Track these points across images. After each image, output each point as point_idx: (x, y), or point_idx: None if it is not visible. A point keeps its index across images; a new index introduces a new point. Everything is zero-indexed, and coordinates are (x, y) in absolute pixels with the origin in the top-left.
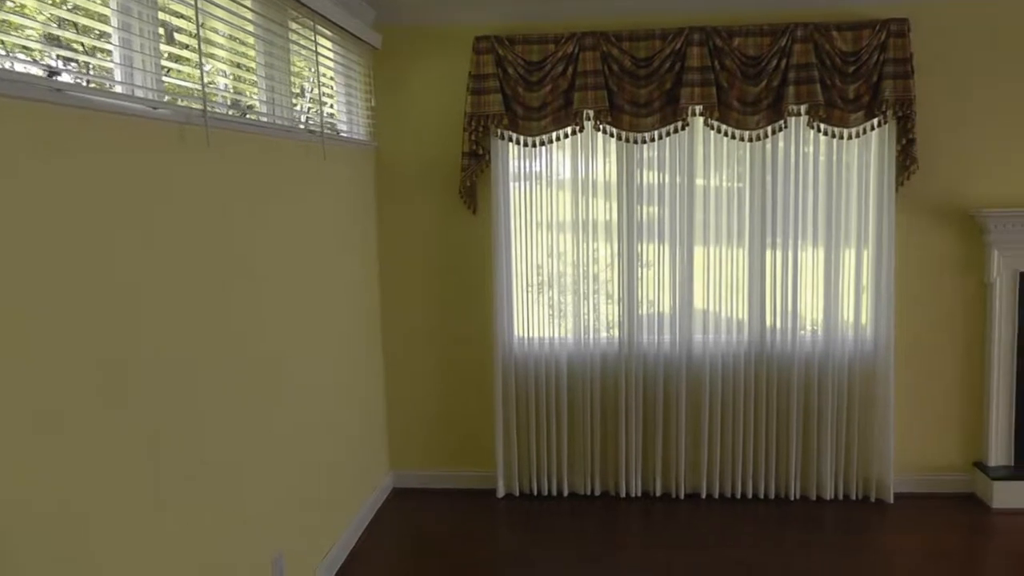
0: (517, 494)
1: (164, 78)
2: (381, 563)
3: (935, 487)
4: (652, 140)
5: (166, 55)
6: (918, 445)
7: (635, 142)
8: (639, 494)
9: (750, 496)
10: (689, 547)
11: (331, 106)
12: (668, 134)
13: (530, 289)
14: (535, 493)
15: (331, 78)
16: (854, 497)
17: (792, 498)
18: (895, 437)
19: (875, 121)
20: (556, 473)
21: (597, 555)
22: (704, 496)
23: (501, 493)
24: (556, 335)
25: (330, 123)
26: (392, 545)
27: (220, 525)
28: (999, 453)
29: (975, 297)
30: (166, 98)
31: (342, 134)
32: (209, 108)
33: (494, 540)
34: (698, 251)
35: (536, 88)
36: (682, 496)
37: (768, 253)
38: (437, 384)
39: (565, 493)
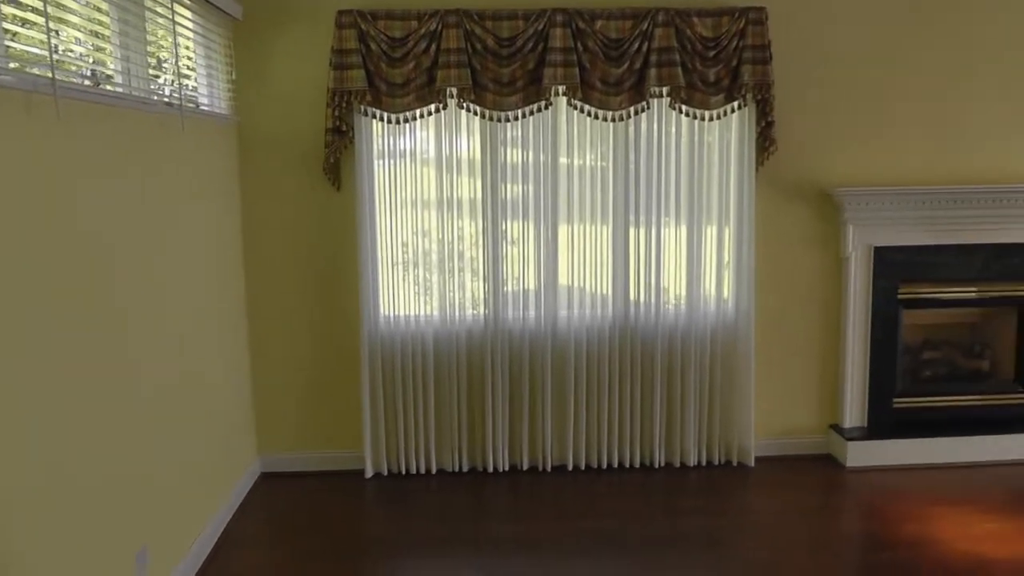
0: (386, 473)
1: (8, 43)
2: (248, 551)
3: (794, 449)
4: (516, 119)
5: (10, 18)
6: (778, 410)
7: (499, 120)
8: (506, 468)
9: (616, 466)
10: (557, 519)
11: (192, 79)
12: (532, 113)
13: (396, 267)
14: (403, 472)
15: (190, 48)
16: (717, 462)
17: (657, 466)
18: (756, 404)
19: (735, 104)
20: (424, 451)
21: (466, 531)
22: (571, 468)
23: (369, 473)
24: (422, 313)
25: (190, 96)
26: (259, 532)
27: (78, 524)
28: (853, 416)
29: (832, 270)
30: (11, 64)
31: (202, 107)
32: (62, 77)
33: (362, 521)
34: (563, 228)
35: (399, 65)
36: (549, 469)
37: (632, 230)
38: (305, 365)
39: (433, 470)
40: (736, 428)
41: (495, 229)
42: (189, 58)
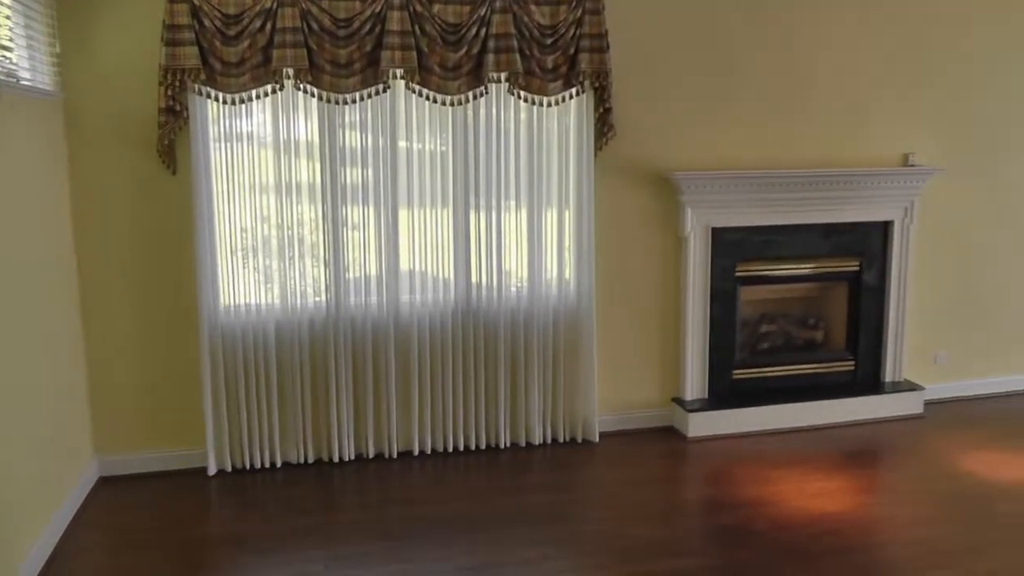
0: (230, 470)
1: None
2: (86, 561)
3: (638, 423)
4: (354, 102)
5: None
6: (621, 386)
7: (337, 103)
8: (352, 457)
9: (462, 449)
10: (406, 504)
11: (11, 51)
12: (370, 96)
13: (235, 255)
14: (247, 467)
15: (9, 19)
16: (562, 440)
17: (503, 446)
18: (599, 381)
19: (573, 91)
20: (268, 444)
21: (314, 524)
22: (417, 453)
23: (213, 470)
24: (263, 302)
25: (8, 69)
26: (99, 540)
27: None
28: (694, 388)
29: (671, 250)
30: None
31: (23, 82)
32: None
33: (206, 520)
34: (403, 213)
35: (234, 43)
36: (395, 455)
37: (473, 214)
38: (143, 361)
39: (278, 464)
40: (580, 406)
41: (336, 214)
42: (10, 28)
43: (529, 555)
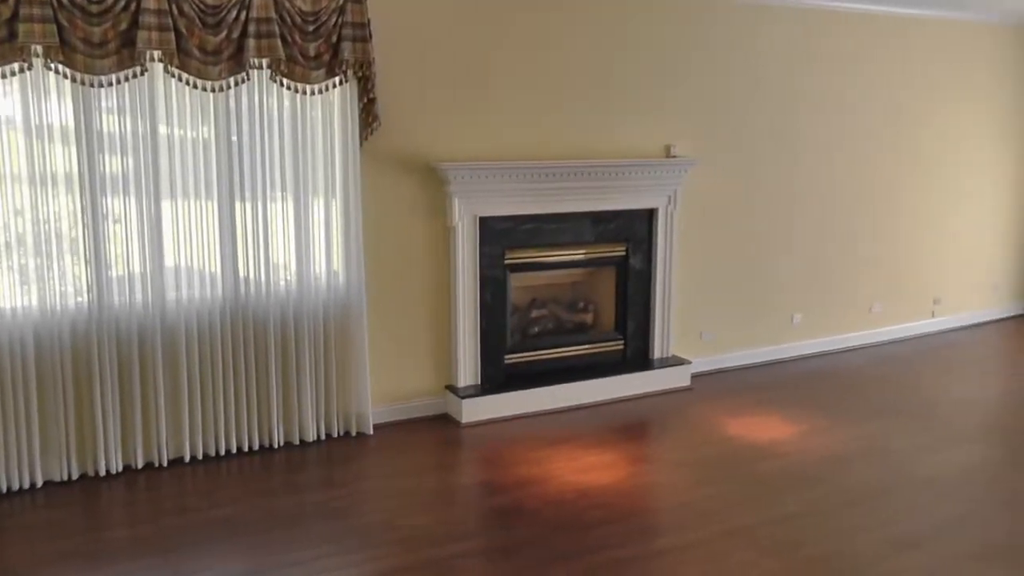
0: None
1: None
2: None
3: (413, 413)
4: (111, 84)
5: None
6: (395, 377)
7: (92, 85)
8: (120, 469)
9: (235, 451)
10: (179, 514)
11: None
12: (127, 79)
13: None
14: (5, 490)
15: None
16: (336, 434)
17: (276, 446)
18: (373, 372)
19: (336, 80)
20: (28, 462)
21: (82, 545)
22: (188, 460)
23: None
24: (19, 305)
25: None
26: None
27: None
28: (467, 375)
29: (440, 239)
30: None
31: None
32: None
33: None
34: (167, 205)
35: None
36: (166, 464)
37: (239, 205)
38: None
39: (39, 483)
40: (353, 398)
41: (95, 206)
42: None
43: (304, 556)
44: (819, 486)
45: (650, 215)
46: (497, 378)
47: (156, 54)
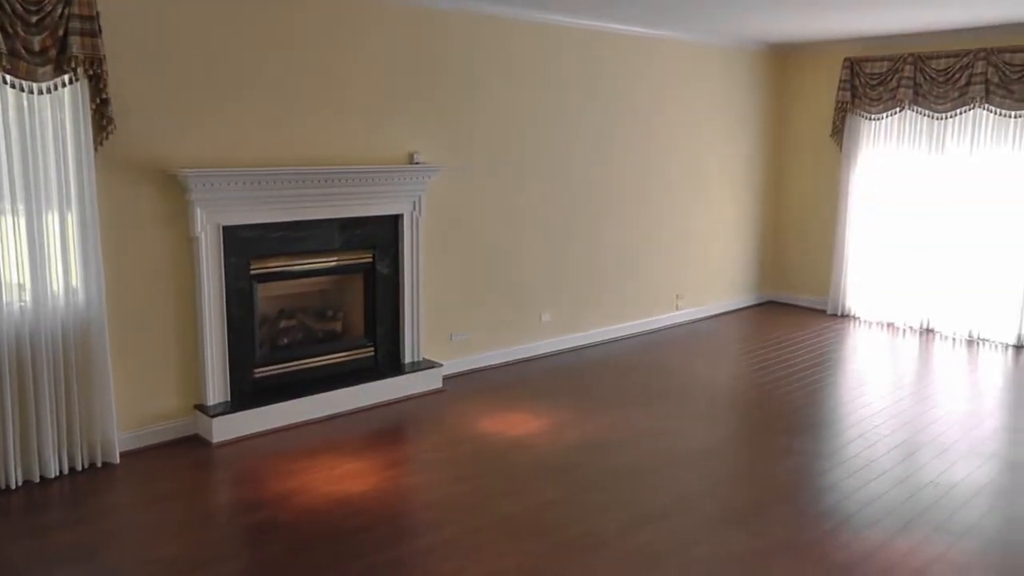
0: None
1: None
2: None
3: (161, 436)
4: None
5: None
6: (141, 400)
7: None
8: None
9: None
10: None
11: None
12: None
13: None
14: None
15: None
16: (81, 467)
17: (15, 486)
18: (117, 396)
19: (66, 78)
20: None
21: None
22: None
23: None
24: None
25: None
26: None
27: None
28: (216, 392)
29: (183, 251)
30: None
31: None
32: None
33: None
34: None
35: None
36: None
37: None
38: None
39: None
40: (98, 426)
41: None
42: None
43: None
44: (571, 473)
45: (396, 221)
46: (248, 393)
47: None
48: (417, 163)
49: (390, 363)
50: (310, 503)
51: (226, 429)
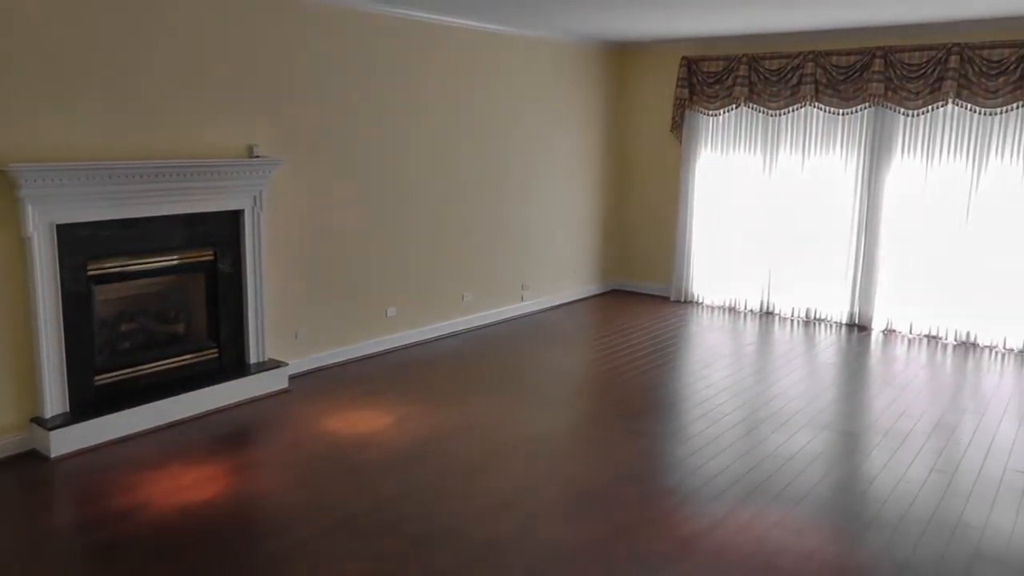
0: None
1: None
2: None
3: None
4: None
5: None
6: None
7: None
8: None
9: None
10: None
11: None
12: None
13: None
14: None
15: None
16: None
17: None
18: None
19: None
20: None
21: None
22: None
23: None
24: None
25: None
26: None
27: None
28: (54, 403)
29: (14, 252)
30: None
31: None
32: None
33: None
34: None
35: None
36: None
37: None
38: None
39: None
40: None
41: None
42: None
43: None
44: (420, 466)
45: (237, 217)
46: (88, 402)
47: None
48: (257, 156)
49: (235, 365)
50: (155, 517)
51: (65, 442)
